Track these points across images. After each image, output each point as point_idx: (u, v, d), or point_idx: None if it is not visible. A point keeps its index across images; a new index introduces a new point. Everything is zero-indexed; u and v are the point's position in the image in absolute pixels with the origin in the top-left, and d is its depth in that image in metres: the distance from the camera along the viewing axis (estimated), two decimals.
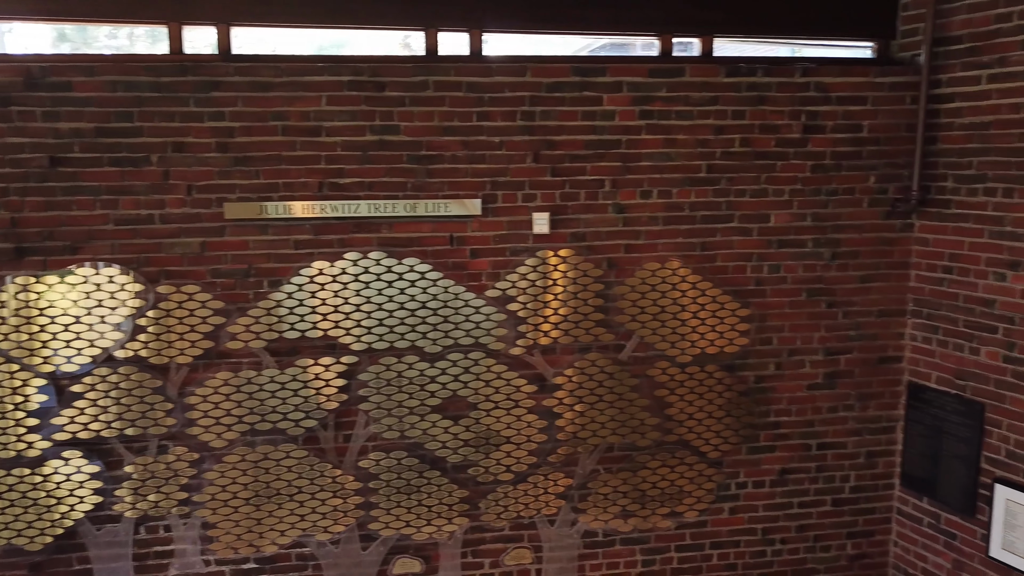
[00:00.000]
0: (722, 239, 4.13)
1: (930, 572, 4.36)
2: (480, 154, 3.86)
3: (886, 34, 4.27)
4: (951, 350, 4.15)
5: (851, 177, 4.19)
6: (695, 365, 4.20)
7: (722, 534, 4.40)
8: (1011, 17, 3.72)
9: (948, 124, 4.08)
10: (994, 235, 3.89)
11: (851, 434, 4.43)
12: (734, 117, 4.02)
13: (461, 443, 4.06)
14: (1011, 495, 3.86)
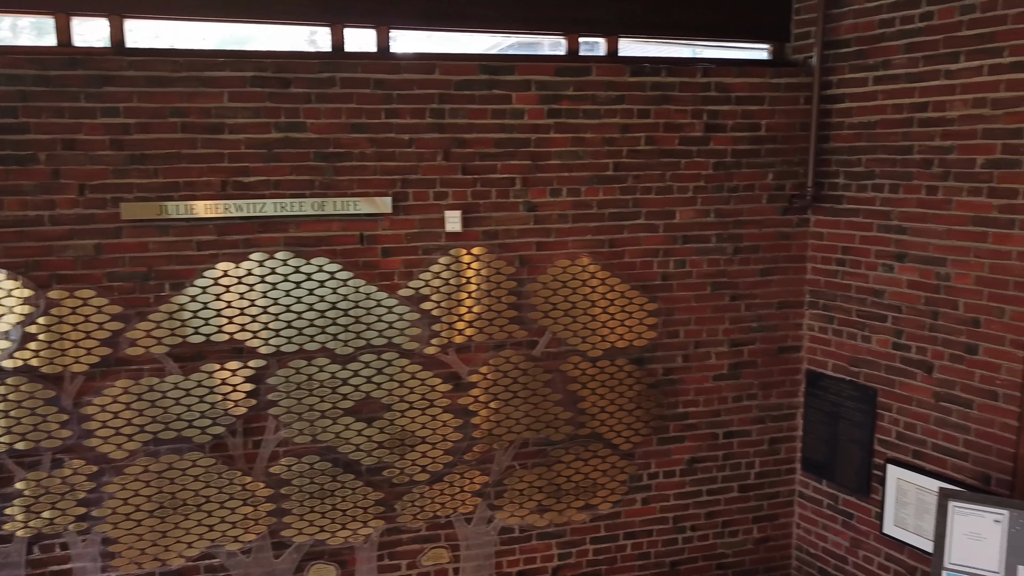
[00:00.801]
0: (629, 236, 4.22)
1: (830, 551, 4.58)
2: (390, 152, 3.82)
3: (780, 37, 4.46)
4: (845, 339, 4.37)
5: (751, 174, 4.36)
6: (606, 359, 4.28)
7: (635, 524, 4.50)
8: (894, 22, 3.95)
9: (839, 123, 4.29)
10: (882, 228, 4.12)
11: (755, 422, 4.60)
12: (639, 116, 4.12)
13: (375, 445, 4.01)
14: (901, 474, 4.08)
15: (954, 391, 3.83)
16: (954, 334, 3.80)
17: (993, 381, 3.66)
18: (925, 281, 3.92)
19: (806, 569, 4.76)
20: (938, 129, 3.79)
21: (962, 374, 3.79)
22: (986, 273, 3.66)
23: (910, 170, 3.94)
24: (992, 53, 3.53)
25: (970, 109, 3.65)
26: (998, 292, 3.61)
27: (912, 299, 3.99)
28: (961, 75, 3.67)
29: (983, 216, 3.64)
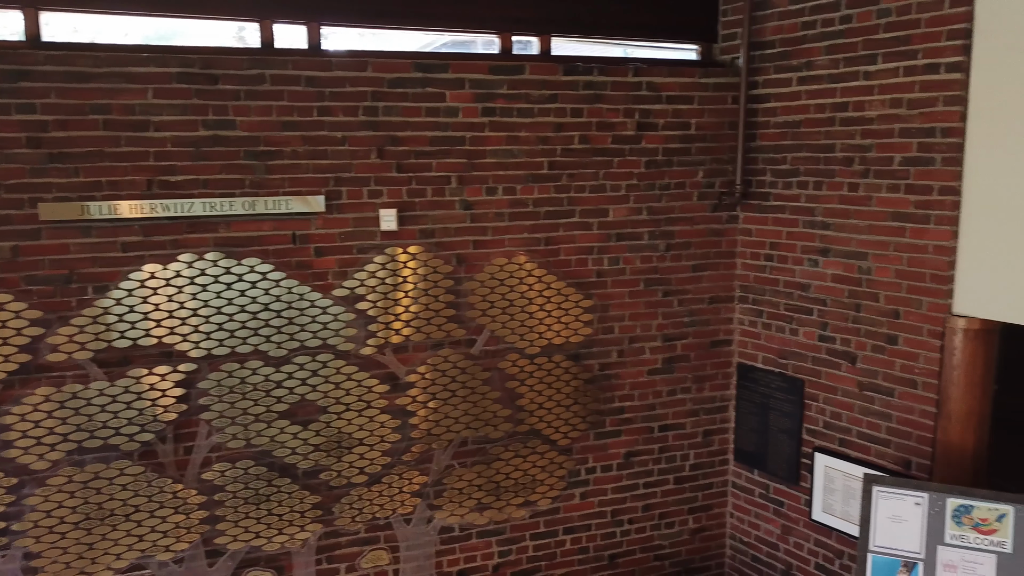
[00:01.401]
0: (565, 233, 4.26)
1: (762, 539, 4.71)
2: (322, 150, 3.76)
3: (709, 38, 4.57)
4: (774, 332, 4.50)
5: (682, 172, 4.45)
6: (543, 356, 4.31)
7: (574, 519, 4.54)
8: (815, 25, 4.08)
9: (765, 122, 4.42)
10: (807, 224, 4.25)
11: (689, 415, 4.70)
12: (573, 115, 4.16)
13: (312, 448, 3.95)
14: (828, 462, 4.23)
15: (876, 380, 3.98)
16: (876, 325, 3.96)
17: (912, 370, 3.82)
18: (848, 275, 4.07)
19: (740, 557, 4.88)
20: (858, 128, 3.94)
21: (884, 364, 3.94)
22: (904, 266, 3.81)
23: (833, 168, 4.08)
24: (907, 55, 3.68)
25: (887, 109, 3.80)
26: (916, 284, 3.77)
27: (836, 292, 4.14)
28: (879, 76, 3.82)
29: (901, 211, 3.80)
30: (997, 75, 3.39)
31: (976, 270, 3.55)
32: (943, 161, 3.60)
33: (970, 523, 3.36)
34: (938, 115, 3.59)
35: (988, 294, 3.52)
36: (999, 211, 3.44)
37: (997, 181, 3.43)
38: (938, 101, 3.59)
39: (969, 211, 3.56)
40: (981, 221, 3.51)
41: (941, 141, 3.60)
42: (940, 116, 3.59)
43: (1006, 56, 3.35)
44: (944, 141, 3.58)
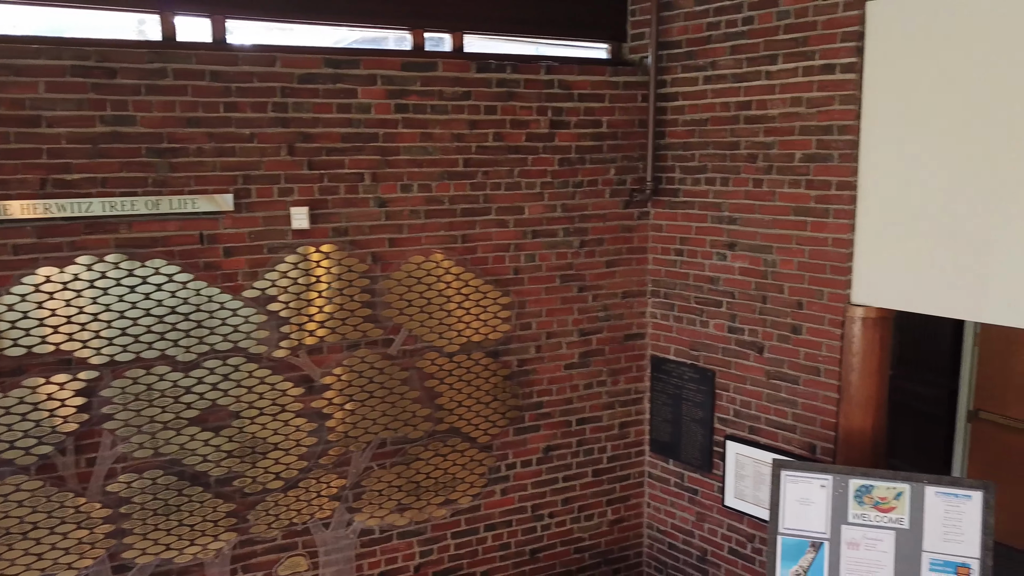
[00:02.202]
0: (481, 231, 4.26)
1: (678, 526, 4.83)
2: (229, 147, 3.65)
3: (618, 37, 4.65)
4: (685, 324, 4.62)
5: (594, 170, 4.52)
6: (462, 354, 4.31)
7: (495, 516, 4.55)
8: (719, 26, 4.21)
9: (674, 120, 4.53)
10: (715, 220, 4.39)
11: (605, 408, 4.78)
12: (486, 112, 4.17)
13: (224, 455, 3.83)
14: (739, 449, 4.37)
15: (783, 369, 4.14)
16: (781, 316, 4.11)
17: (816, 358, 3.99)
18: (754, 268, 4.21)
19: (657, 545, 5.00)
20: (761, 126, 4.09)
21: (789, 353, 4.10)
22: (807, 259, 3.98)
23: (738, 164, 4.22)
24: (805, 56, 3.84)
25: (788, 107, 3.95)
26: (817, 276, 3.94)
27: (744, 285, 4.28)
28: (779, 76, 3.97)
29: (803, 206, 3.96)
30: (886, 75, 3.58)
31: (871, 261, 3.74)
32: (840, 158, 3.77)
33: (871, 502, 3.53)
34: (835, 113, 3.77)
35: (883, 284, 3.71)
36: (890, 205, 3.63)
37: (888, 176, 3.62)
38: (834, 100, 3.76)
39: (864, 205, 3.74)
40: (875, 215, 3.70)
41: (838, 138, 3.77)
42: (837, 114, 3.76)
43: (893, 57, 3.54)
44: (841, 138, 3.76)
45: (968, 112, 3.32)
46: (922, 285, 3.56)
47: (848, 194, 3.76)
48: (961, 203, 3.37)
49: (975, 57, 3.27)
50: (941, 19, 3.36)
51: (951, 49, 3.35)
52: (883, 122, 3.62)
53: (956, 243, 3.41)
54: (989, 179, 3.28)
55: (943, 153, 3.41)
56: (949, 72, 3.36)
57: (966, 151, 3.34)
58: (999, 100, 3.21)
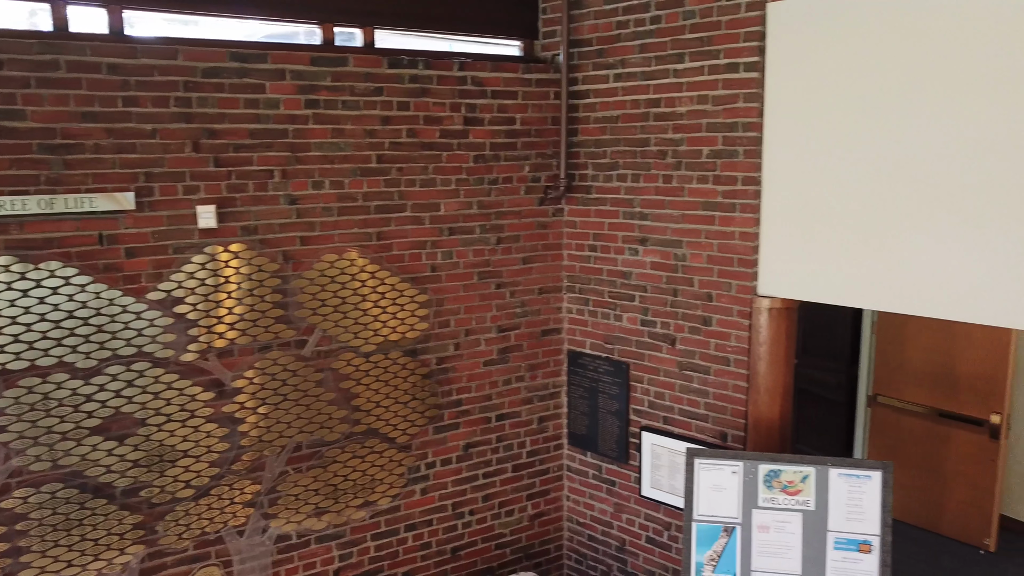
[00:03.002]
0: (396, 228, 4.22)
1: (597, 518, 4.90)
2: (130, 143, 3.50)
3: (530, 35, 4.68)
4: (600, 319, 4.69)
5: (509, 167, 4.53)
6: (379, 353, 4.25)
7: (415, 516, 4.51)
8: (628, 24, 4.29)
9: (586, 118, 4.59)
10: (627, 215, 4.47)
11: (524, 403, 4.81)
12: (399, 108, 4.13)
13: (130, 464, 3.67)
14: (654, 440, 4.47)
15: (694, 360, 4.25)
16: (692, 308, 4.22)
17: (725, 349, 4.11)
18: (665, 262, 4.31)
19: (577, 538, 5.06)
20: (670, 123, 4.18)
21: (700, 344, 4.21)
22: (715, 252, 4.09)
23: (648, 161, 4.31)
24: (711, 55, 3.96)
25: (695, 105, 4.06)
26: (726, 269, 4.06)
27: (655, 279, 4.37)
28: (687, 74, 4.07)
29: (710, 201, 4.07)
30: (786, 74, 3.72)
31: (776, 254, 3.88)
32: (745, 154, 3.90)
33: (779, 486, 3.66)
34: (739, 111, 3.89)
35: (787, 275, 3.85)
36: (792, 199, 3.77)
37: (789, 172, 3.77)
38: (739, 98, 3.88)
39: (768, 200, 3.88)
40: (778, 209, 3.84)
41: (743, 135, 3.89)
42: (741, 112, 3.88)
43: (793, 57, 3.68)
44: (745, 135, 3.88)
45: (863, 110, 3.48)
46: (823, 276, 3.72)
47: (753, 189, 3.89)
48: (858, 196, 3.54)
49: (869, 57, 3.44)
50: (837, 21, 3.52)
51: (847, 49, 3.50)
52: (784, 119, 3.76)
53: (854, 235, 3.57)
54: (884, 174, 3.45)
55: (841, 149, 3.57)
56: (845, 71, 3.52)
57: (862, 147, 3.50)
58: (892, 99, 3.38)
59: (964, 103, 3.17)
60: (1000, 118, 3.08)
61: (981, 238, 3.18)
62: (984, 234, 3.17)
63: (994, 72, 3.08)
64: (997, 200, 3.12)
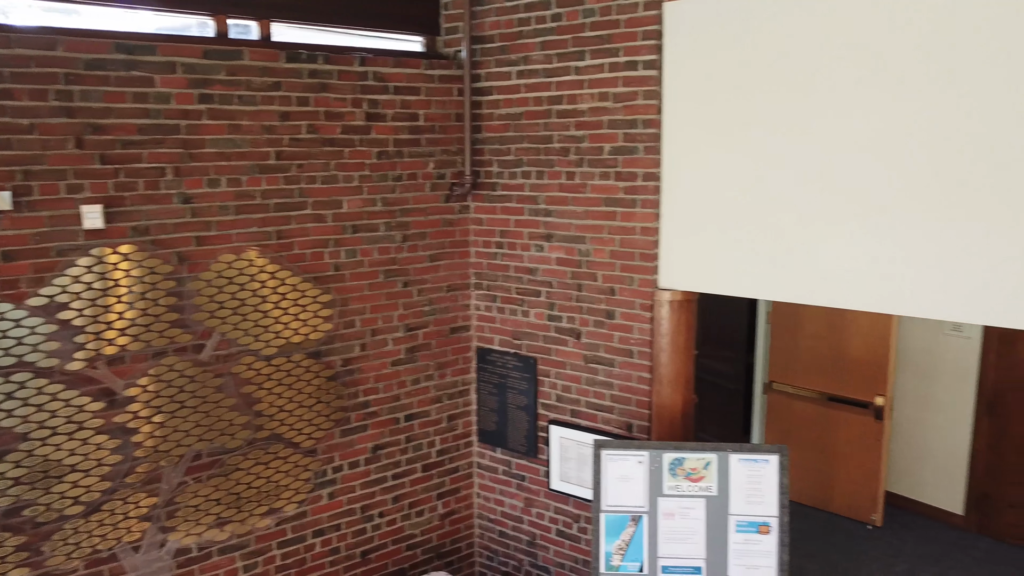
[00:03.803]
0: (298, 226, 4.11)
1: (507, 513, 4.92)
2: (4, 138, 3.27)
3: (432, 30, 4.65)
4: (508, 315, 4.71)
5: (413, 163, 4.49)
6: (282, 356, 4.13)
7: (323, 521, 4.42)
8: (530, 21, 4.32)
9: (489, 114, 4.59)
10: (532, 212, 4.50)
11: (433, 402, 4.78)
12: (299, 103, 4.02)
13: (11, 482, 3.43)
14: (562, 433, 4.52)
15: (599, 353, 4.32)
16: (596, 303, 4.29)
17: (629, 341, 4.20)
18: (570, 258, 4.37)
19: (488, 535, 5.07)
20: (572, 120, 4.24)
21: (604, 337, 4.29)
22: (618, 247, 4.17)
23: (552, 158, 4.35)
24: (611, 53, 4.02)
25: (596, 102, 4.12)
26: (628, 263, 4.15)
27: (561, 275, 4.42)
28: (587, 71, 4.13)
29: (612, 197, 4.15)
30: (683, 72, 3.82)
31: (676, 248, 3.99)
32: (645, 150, 3.99)
33: (683, 474, 3.76)
34: (639, 108, 3.97)
35: (686, 269, 3.96)
36: (690, 194, 3.88)
37: (687, 167, 3.88)
38: (638, 95, 3.97)
39: (668, 195, 3.98)
40: (677, 204, 3.94)
41: (643, 132, 3.98)
42: (641, 109, 3.97)
43: (689, 55, 3.79)
44: (645, 132, 3.97)
45: (756, 107, 3.61)
46: (720, 268, 3.84)
47: (653, 185, 3.99)
48: (752, 191, 3.67)
49: (762, 55, 3.57)
50: (732, 19, 3.64)
51: (740, 47, 3.63)
52: (682, 116, 3.87)
53: (748, 228, 3.71)
54: (776, 168, 3.59)
55: (736, 145, 3.70)
56: (739, 69, 3.64)
57: (755, 143, 3.63)
58: (784, 97, 3.53)
59: (854, 98, 3.34)
60: (888, 111, 3.26)
61: (866, 229, 3.36)
62: (869, 225, 3.35)
63: (884, 67, 3.26)
64: (882, 192, 3.30)
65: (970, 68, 3.02)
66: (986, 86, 2.99)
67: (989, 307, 3.09)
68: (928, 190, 3.17)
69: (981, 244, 3.07)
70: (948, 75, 3.08)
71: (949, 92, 3.08)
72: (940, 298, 3.20)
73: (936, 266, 3.19)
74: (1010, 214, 2.98)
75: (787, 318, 6.90)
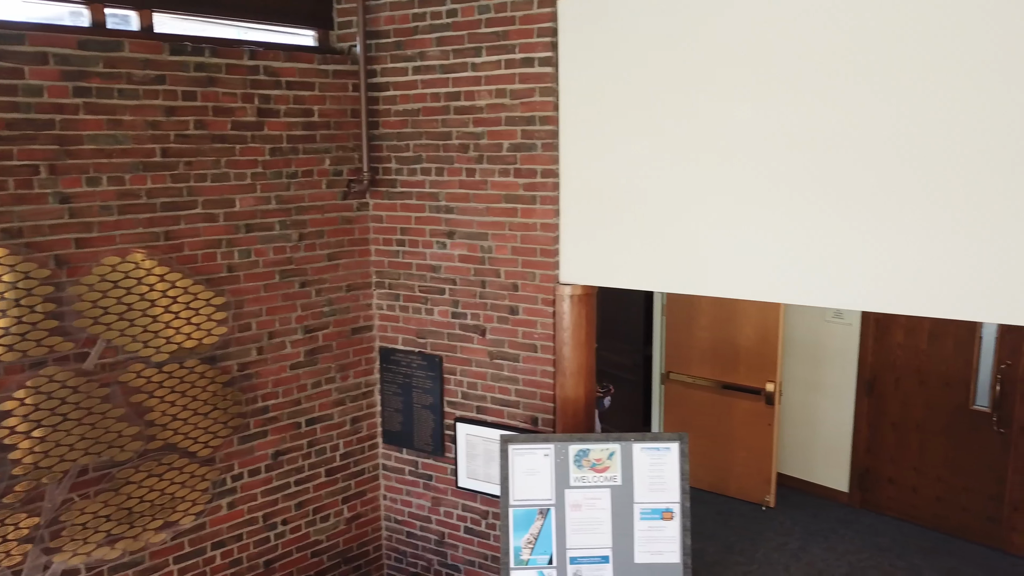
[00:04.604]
0: (187, 226, 3.93)
1: (415, 514, 4.87)
2: None
3: (325, 24, 4.54)
4: (411, 313, 4.66)
5: (308, 160, 4.37)
6: (174, 362, 3.95)
7: (223, 532, 4.25)
8: (425, 17, 4.28)
9: (387, 110, 4.53)
10: (433, 209, 4.47)
11: (336, 404, 4.67)
12: (185, 98, 3.85)
13: None
14: (469, 430, 4.51)
15: (504, 348, 4.34)
16: (499, 299, 4.31)
17: (532, 336, 4.23)
18: (473, 254, 4.36)
19: (396, 536, 5.00)
20: (470, 116, 4.23)
21: (508, 333, 4.31)
22: (519, 244, 4.20)
23: (451, 154, 4.34)
24: (507, 49, 4.04)
25: (494, 99, 4.13)
26: (529, 259, 4.18)
27: (464, 272, 4.41)
28: (484, 68, 4.13)
29: (512, 194, 4.17)
30: (578, 69, 3.88)
31: (575, 243, 4.04)
32: (543, 147, 4.03)
33: (588, 465, 3.82)
34: (536, 105, 4.01)
35: (586, 263, 4.03)
36: (588, 190, 3.95)
37: (584, 163, 3.94)
38: (535, 92, 4.00)
39: (566, 191, 4.03)
40: (575, 200, 4.00)
41: (540, 128, 4.01)
42: (538, 106, 4.00)
43: (584, 52, 3.85)
44: (543, 128, 4.01)
45: (650, 103, 3.70)
46: (617, 262, 3.92)
47: (552, 181, 4.03)
48: (648, 186, 3.76)
49: (655, 50, 3.66)
50: (624, 16, 3.71)
51: (634, 44, 3.71)
52: (578, 113, 3.92)
53: (645, 223, 3.80)
54: (670, 163, 3.69)
55: (632, 140, 3.78)
56: (634, 65, 3.73)
57: (650, 138, 3.73)
58: (676, 92, 3.63)
59: (742, 92, 3.47)
60: (772, 106, 3.40)
61: (754, 221, 3.50)
62: (757, 217, 3.49)
63: (776, 60, 3.40)
64: (769, 185, 3.45)
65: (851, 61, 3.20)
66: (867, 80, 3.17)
67: (868, 293, 3.28)
68: (812, 183, 3.33)
69: (860, 233, 3.25)
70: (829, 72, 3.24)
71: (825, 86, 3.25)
72: (824, 286, 3.37)
73: (819, 256, 3.36)
74: (887, 204, 3.17)
75: (681, 310, 7.12)
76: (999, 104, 2.89)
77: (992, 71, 2.89)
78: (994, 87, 2.89)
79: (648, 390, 7.77)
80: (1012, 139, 2.88)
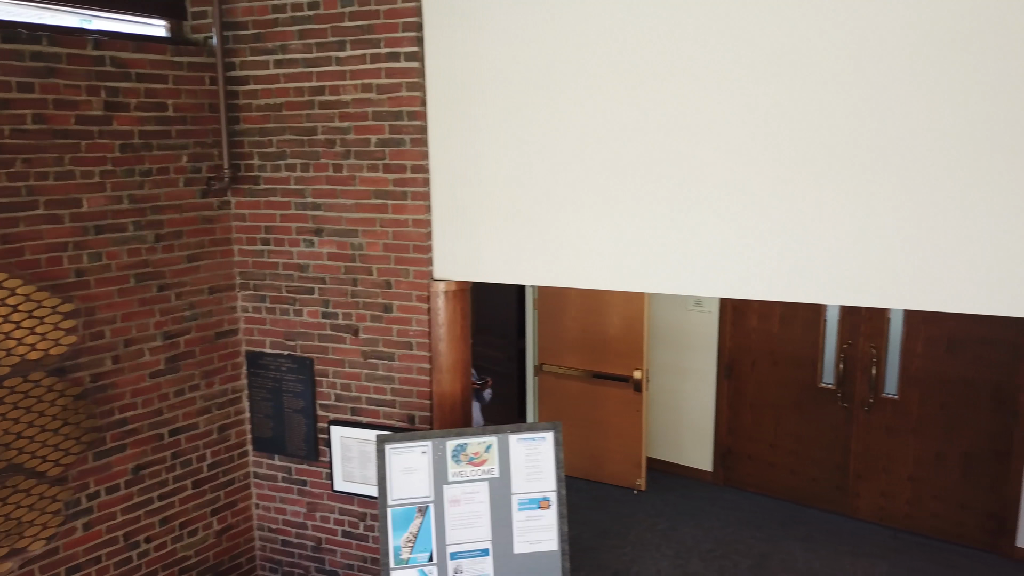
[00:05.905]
0: (28, 228, 3.64)
1: (290, 521, 4.73)
2: None
3: (177, 14, 4.31)
4: (279, 315, 4.51)
5: (163, 157, 4.15)
6: (16, 376, 3.64)
7: (79, 555, 3.97)
8: (285, 9, 4.15)
9: (247, 105, 4.36)
10: (299, 206, 4.34)
11: (201, 413, 4.46)
12: (21, 90, 3.56)
13: None
14: (344, 432, 4.42)
15: (378, 348, 4.28)
16: (372, 297, 4.24)
17: (407, 333, 4.20)
18: (343, 252, 4.28)
19: (270, 546, 4.84)
20: (336, 111, 4.14)
21: (383, 331, 4.25)
22: (391, 240, 4.15)
23: (317, 150, 4.23)
24: (372, 44, 3.98)
25: (360, 93, 4.06)
26: (402, 256, 4.14)
27: (334, 270, 4.32)
28: (349, 62, 4.06)
29: (383, 190, 4.12)
30: (445, 63, 3.88)
31: (447, 239, 4.05)
32: (412, 142, 4.00)
33: (466, 459, 3.84)
34: (403, 100, 3.97)
35: (459, 259, 4.04)
36: (458, 186, 3.96)
37: (454, 159, 3.94)
38: (402, 87, 3.97)
39: (437, 187, 4.02)
40: (446, 195, 4.00)
41: (408, 124, 3.98)
42: (405, 100, 3.97)
43: (450, 46, 3.85)
44: (411, 123, 3.98)
45: (516, 97, 3.75)
46: (490, 257, 3.96)
47: (422, 177, 4.01)
48: (516, 181, 3.82)
49: (522, 44, 3.71)
50: (490, 10, 3.74)
51: (501, 38, 3.74)
52: (446, 107, 3.92)
53: (515, 217, 3.85)
54: (537, 158, 3.75)
55: (500, 135, 3.82)
56: (501, 59, 3.76)
57: (518, 132, 3.78)
58: (542, 86, 3.69)
59: (605, 86, 3.57)
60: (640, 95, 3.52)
61: (617, 213, 3.62)
62: (620, 210, 3.61)
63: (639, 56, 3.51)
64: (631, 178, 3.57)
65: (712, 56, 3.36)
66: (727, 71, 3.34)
67: (724, 281, 3.46)
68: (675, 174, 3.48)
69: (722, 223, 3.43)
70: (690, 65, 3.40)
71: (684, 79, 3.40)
72: (686, 275, 3.53)
73: (682, 246, 3.52)
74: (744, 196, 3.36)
75: (552, 303, 7.28)
76: (817, 86, 3.12)
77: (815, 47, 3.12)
78: (845, 69, 3.12)
79: (523, 382, 7.89)
80: (851, 131, 3.13)
